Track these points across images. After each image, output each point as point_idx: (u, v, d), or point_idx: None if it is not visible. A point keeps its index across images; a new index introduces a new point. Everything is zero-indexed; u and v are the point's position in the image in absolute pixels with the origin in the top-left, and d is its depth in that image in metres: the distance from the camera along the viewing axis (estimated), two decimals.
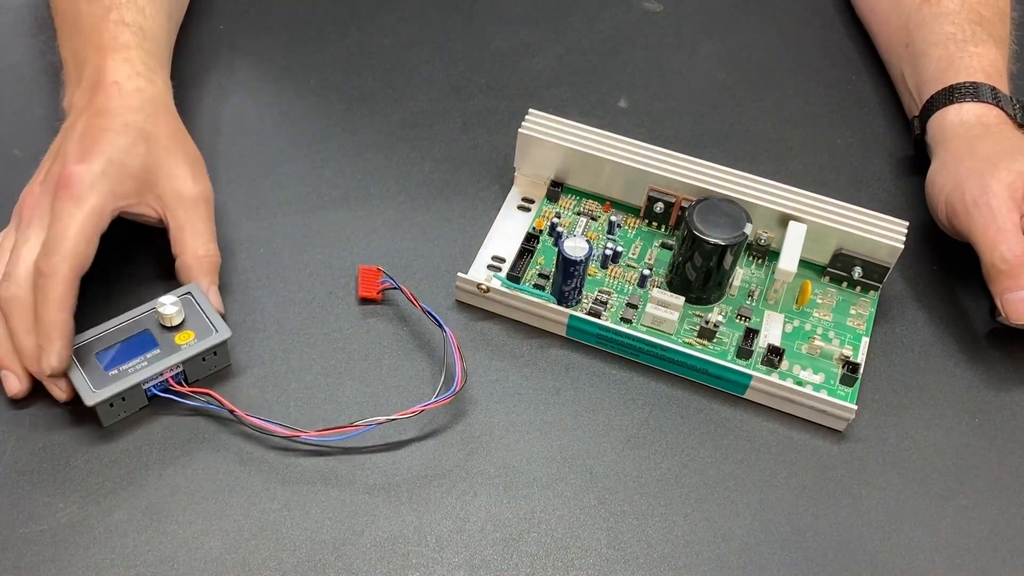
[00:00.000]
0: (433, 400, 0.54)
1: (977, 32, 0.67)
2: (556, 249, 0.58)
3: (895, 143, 0.71)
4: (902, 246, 0.59)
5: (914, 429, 0.58)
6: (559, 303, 0.59)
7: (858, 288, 0.61)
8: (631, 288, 0.61)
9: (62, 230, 0.53)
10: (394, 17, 0.68)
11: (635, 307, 0.59)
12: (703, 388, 0.58)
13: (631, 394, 0.58)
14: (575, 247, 0.57)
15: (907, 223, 0.60)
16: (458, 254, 0.62)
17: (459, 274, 0.59)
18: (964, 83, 0.64)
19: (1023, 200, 0.59)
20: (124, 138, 0.56)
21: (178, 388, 0.55)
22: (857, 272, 0.61)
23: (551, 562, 0.52)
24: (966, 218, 0.59)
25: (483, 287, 0.59)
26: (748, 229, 0.57)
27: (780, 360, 0.58)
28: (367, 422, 0.54)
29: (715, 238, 0.57)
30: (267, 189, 0.64)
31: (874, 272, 0.61)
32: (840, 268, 0.61)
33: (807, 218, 0.60)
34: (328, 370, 0.57)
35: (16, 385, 0.54)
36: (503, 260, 0.61)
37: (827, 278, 0.62)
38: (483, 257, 0.61)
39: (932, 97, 0.65)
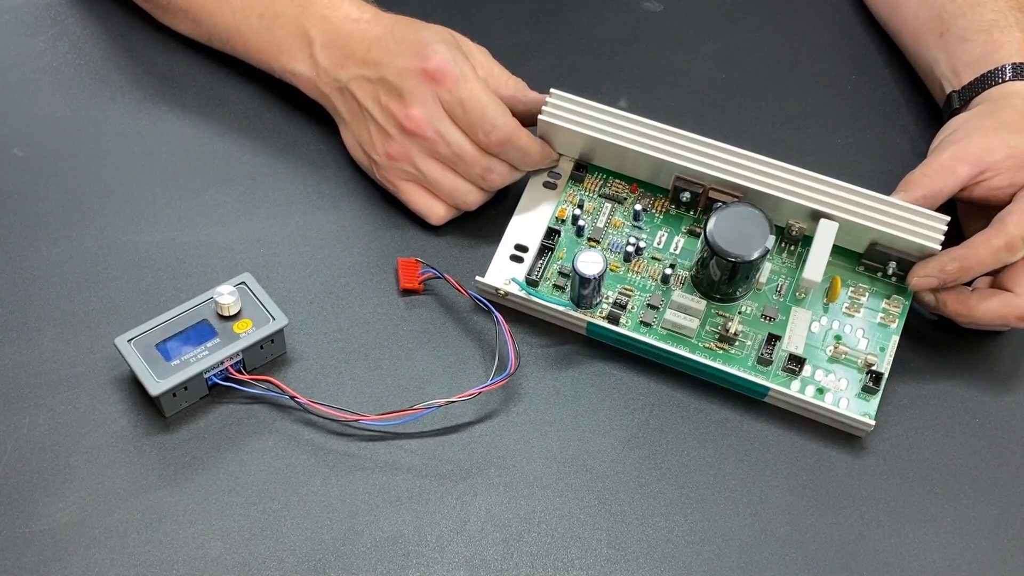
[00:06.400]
0: (489, 382, 0.56)
1: (1021, 19, 0.66)
2: (576, 242, 0.58)
3: (895, 143, 0.71)
4: (939, 247, 0.57)
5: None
6: (577, 306, 0.58)
7: (894, 278, 0.59)
8: (654, 285, 0.59)
9: (480, 97, 0.58)
10: None
11: (656, 308, 0.58)
12: (704, 389, 0.58)
13: (632, 394, 0.58)
14: (588, 262, 0.56)
15: (947, 218, 0.58)
16: (474, 255, 0.62)
17: (477, 278, 0.59)
18: (1018, 63, 0.63)
19: (979, 174, 0.58)
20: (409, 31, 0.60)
21: (238, 376, 0.55)
22: (892, 267, 0.59)
23: (551, 562, 0.52)
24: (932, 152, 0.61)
25: (502, 291, 0.58)
26: (770, 243, 0.56)
27: (801, 368, 0.57)
28: (426, 405, 0.54)
29: (735, 255, 0.55)
30: (268, 188, 0.64)
31: (909, 268, 0.58)
32: (874, 260, 0.59)
33: (839, 215, 0.57)
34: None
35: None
36: (525, 249, 0.60)
37: (861, 268, 0.60)
38: (501, 256, 0.60)
39: (987, 73, 0.64)
